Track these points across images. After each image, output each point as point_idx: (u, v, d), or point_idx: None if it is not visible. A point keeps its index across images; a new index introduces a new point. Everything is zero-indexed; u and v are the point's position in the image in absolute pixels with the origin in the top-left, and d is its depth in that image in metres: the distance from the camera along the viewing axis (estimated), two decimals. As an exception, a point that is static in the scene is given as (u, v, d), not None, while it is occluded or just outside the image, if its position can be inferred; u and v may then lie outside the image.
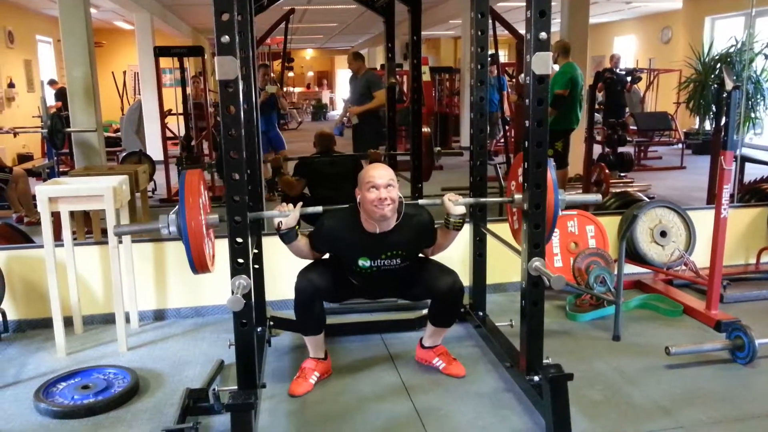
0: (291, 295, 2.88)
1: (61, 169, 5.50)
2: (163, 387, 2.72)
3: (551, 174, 2.36)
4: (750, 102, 6.97)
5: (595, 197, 2.67)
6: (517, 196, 2.43)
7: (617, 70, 9.39)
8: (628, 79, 9.31)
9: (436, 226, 2.70)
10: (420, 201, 2.67)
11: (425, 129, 4.12)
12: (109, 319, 3.29)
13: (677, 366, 2.81)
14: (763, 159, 5.80)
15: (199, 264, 2.22)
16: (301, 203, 2.51)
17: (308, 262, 2.73)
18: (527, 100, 2.29)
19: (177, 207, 2.18)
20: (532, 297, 2.39)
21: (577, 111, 5.64)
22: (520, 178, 2.42)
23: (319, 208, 2.56)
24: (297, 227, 2.53)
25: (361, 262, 2.59)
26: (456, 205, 2.56)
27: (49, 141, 4.95)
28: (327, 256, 2.74)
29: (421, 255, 2.77)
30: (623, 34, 14.65)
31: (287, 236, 2.52)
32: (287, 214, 2.46)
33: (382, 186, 2.43)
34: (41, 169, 5.33)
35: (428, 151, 4.11)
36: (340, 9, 11.50)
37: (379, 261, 2.60)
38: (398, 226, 2.55)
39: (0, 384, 2.76)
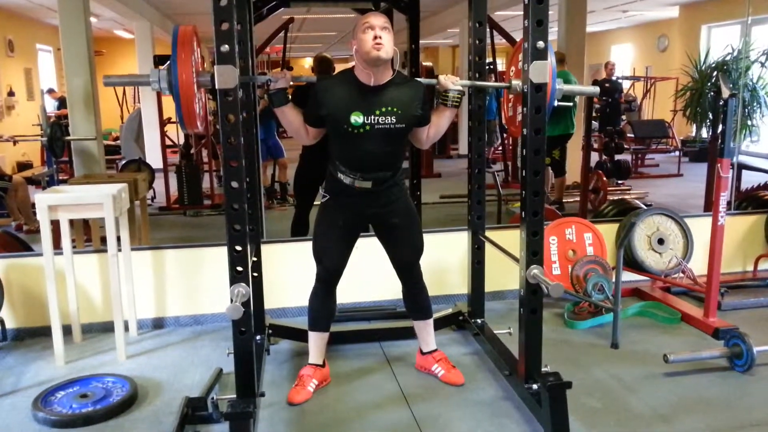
0: (289, 303, 2.91)
1: (60, 177, 5.52)
2: (161, 395, 2.72)
3: (551, 60, 2.34)
4: (746, 110, 7.02)
5: (593, 89, 2.65)
6: (515, 82, 2.44)
7: (613, 78, 9.46)
8: (625, 86, 9.39)
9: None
10: (417, 79, 2.65)
11: (427, 63, 4.04)
12: (107, 328, 3.28)
13: (675, 374, 2.81)
14: (760, 166, 5.82)
15: (188, 118, 2.19)
16: (292, 71, 2.50)
17: (316, 240, 2.67)
18: (525, 109, 2.30)
19: (168, 62, 2.12)
20: (531, 305, 2.40)
21: (572, 117, 5.67)
22: (520, 65, 2.43)
23: (313, 78, 2.55)
24: (287, 90, 2.47)
25: (353, 119, 2.45)
26: (453, 84, 2.56)
27: (48, 149, 4.96)
28: (327, 219, 2.66)
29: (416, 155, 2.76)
30: (620, 43, 14.73)
31: (277, 96, 2.46)
32: (279, 78, 2.43)
33: (377, 26, 2.40)
34: (41, 177, 5.34)
35: (429, 90, 4.04)
36: (339, 18, 11.55)
37: (372, 117, 2.46)
38: (392, 82, 2.51)
39: (-2, 393, 2.76)
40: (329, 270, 2.66)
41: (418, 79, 2.64)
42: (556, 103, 2.55)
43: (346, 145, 2.53)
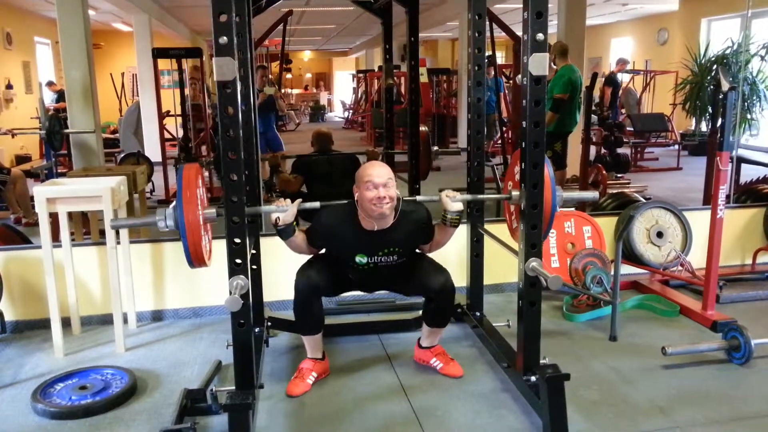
0: (289, 295, 2.90)
1: (59, 170, 5.50)
2: (160, 387, 2.72)
3: (548, 171, 2.37)
4: (746, 103, 7.01)
5: (593, 195, 2.69)
6: (515, 193, 2.44)
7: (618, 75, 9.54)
8: (625, 79, 9.54)
9: (434, 223, 2.71)
10: (418, 197, 2.68)
11: (423, 128, 4.12)
12: (107, 320, 3.29)
13: (673, 366, 2.82)
14: (759, 160, 5.81)
15: (196, 258, 2.22)
16: (300, 200, 2.52)
17: (306, 258, 2.74)
18: (524, 101, 2.30)
19: (175, 201, 2.19)
20: (529, 297, 2.40)
21: (576, 114, 5.65)
22: (517, 177, 2.44)
23: (317, 204, 2.57)
24: (294, 223, 2.53)
25: (358, 259, 2.61)
26: (453, 201, 2.58)
27: (47, 142, 4.95)
28: (324, 250, 2.76)
29: (418, 251, 2.78)
30: (620, 36, 14.69)
31: (285, 232, 2.52)
32: (285, 209, 2.46)
33: (380, 185, 2.44)
34: (39, 170, 5.33)
35: (426, 151, 4.12)
36: (338, 11, 11.52)
37: (376, 258, 2.61)
38: (396, 223, 2.57)
39: (-2, 385, 2.77)
40: (301, 290, 2.61)
41: (419, 198, 2.67)
42: (556, 95, 2.55)
43: (351, 271, 2.69)
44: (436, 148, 4.30)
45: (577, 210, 3.92)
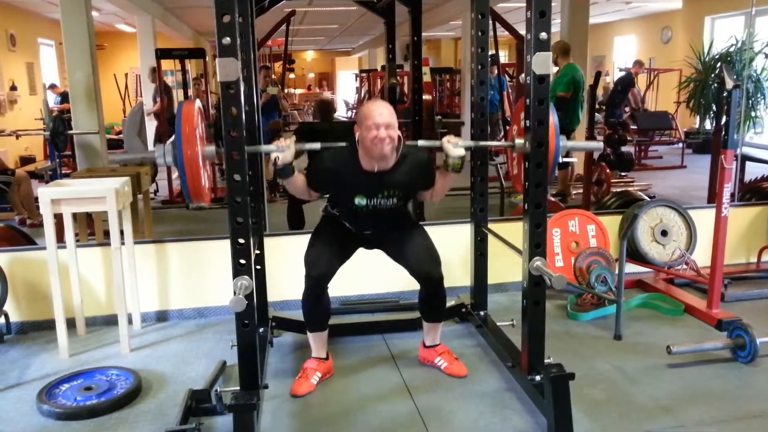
0: (293, 295, 2.92)
1: (63, 171, 5.52)
2: (165, 388, 2.73)
3: (553, 118, 2.36)
4: (750, 101, 6.97)
5: (597, 145, 2.68)
6: (518, 141, 2.44)
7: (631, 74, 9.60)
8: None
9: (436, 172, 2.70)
10: (419, 142, 2.66)
11: (426, 96, 4.04)
12: (111, 321, 3.30)
13: (678, 365, 2.81)
14: (764, 158, 5.80)
15: (195, 193, 2.22)
16: (294, 137, 2.49)
17: (309, 246, 2.73)
18: (528, 101, 2.30)
19: (173, 137, 2.16)
20: (534, 297, 2.40)
21: (579, 113, 5.64)
22: (522, 123, 2.43)
23: (317, 145, 2.53)
24: (293, 163, 2.50)
25: (357, 201, 2.59)
26: (455, 147, 2.54)
27: (51, 143, 4.97)
28: (324, 232, 2.76)
29: (420, 199, 2.80)
30: (623, 34, 14.65)
31: (284, 172, 2.50)
32: (284, 149, 2.42)
33: (382, 125, 2.41)
34: (44, 171, 5.35)
35: (429, 119, 4.05)
36: (341, 11, 11.51)
37: (375, 200, 2.60)
38: (396, 165, 2.55)
39: (3, 386, 2.78)
40: (314, 278, 2.63)
41: (421, 142, 2.65)
42: (560, 93, 2.55)
43: (350, 213, 2.67)
44: (439, 117, 4.25)
45: (582, 209, 3.91)
